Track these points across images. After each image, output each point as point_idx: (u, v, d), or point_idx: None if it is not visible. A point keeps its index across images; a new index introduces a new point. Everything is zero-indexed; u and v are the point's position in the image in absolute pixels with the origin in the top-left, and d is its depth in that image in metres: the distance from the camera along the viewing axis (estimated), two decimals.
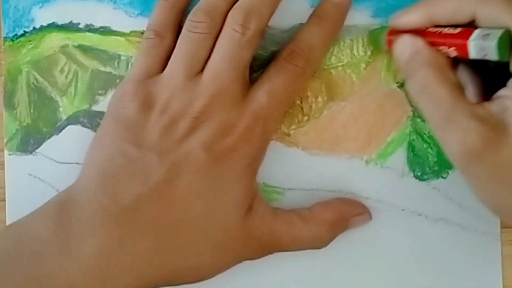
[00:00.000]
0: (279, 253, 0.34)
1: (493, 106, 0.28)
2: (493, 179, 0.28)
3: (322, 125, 0.37)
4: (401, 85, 0.36)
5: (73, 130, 0.38)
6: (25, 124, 0.38)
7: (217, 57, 0.33)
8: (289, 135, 0.37)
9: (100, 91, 0.38)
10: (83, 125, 0.38)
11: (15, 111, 0.38)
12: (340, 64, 0.36)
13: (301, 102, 0.36)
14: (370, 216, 0.35)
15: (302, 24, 0.36)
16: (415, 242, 0.36)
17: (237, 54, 0.32)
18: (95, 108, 0.38)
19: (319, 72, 0.36)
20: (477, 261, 0.36)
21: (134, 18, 0.37)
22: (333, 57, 0.36)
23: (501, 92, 0.28)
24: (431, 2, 0.30)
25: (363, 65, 0.36)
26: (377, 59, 0.36)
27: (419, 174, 0.36)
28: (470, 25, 0.29)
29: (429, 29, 0.31)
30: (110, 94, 0.37)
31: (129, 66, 0.37)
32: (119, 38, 0.37)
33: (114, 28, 0.37)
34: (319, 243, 0.34)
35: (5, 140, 0.38)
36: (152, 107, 0.32)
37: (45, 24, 0.38)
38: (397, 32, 0.32)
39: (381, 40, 0.34)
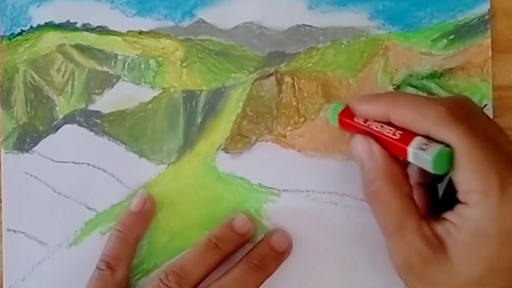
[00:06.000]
0: None
1: (438, 227, 0.29)
2: None
3: (318, 126, 0.37)
4: (398, 87, 0.36)
5: (69, 129, 0.38)
6: (21, 122, 0.38)
7: None
8: (285, 136, 0.37)
9: (97, 91, 0.38)
10: (80, 124, 0.38)
11: (11, 110, 0.38)
12: (336, 66, 0.36)
13: (298, 104, 0.37)
14: None
15: (299, 25, 0.36)
16: None
17: None
18: (92, 107, 0.38)
19: (315, 74, 0.37)
20: None
21: (131, 18, 0.37)
22: (330, 59, 0.37)
23: (448, 215, 0.29)
24: (392, 103, 0.30)
25: (359, 67, 0.36)
26: (373, 61, 0.36)
27: None
28: None
29: (371, 125, 0.30)
30: (107, 93, 0.38)
31: (126, 65, 0.37)
32: (116, 37, 0.37)
33: (111, 27, 0.37)
34: None
35: (1, 139, 0.38)
36: None
37: (42, 23, 0.38)
38: (350, 114, 0.31)
39: (334, 116, 0.32)
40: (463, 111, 0.28)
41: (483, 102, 0.36)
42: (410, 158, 0.28)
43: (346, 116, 0.31)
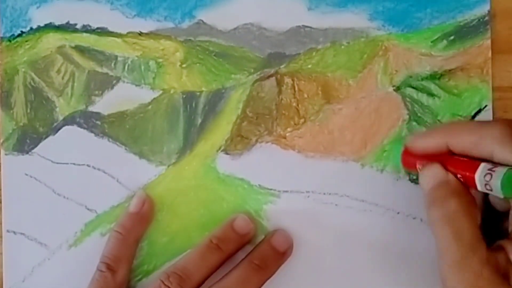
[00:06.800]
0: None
1: (499, 257, 0.28)
2: None
3: (318, 127, 0.37)
4: (397, 88, 0.36)
5: (69, 131, 0.38)
6: (21, 124, 0.38)
7: None
8: (285, 137, 0.37)
9: (97, 92, 0.38)
10: (80, 126, 0.38)
11: (11, 111, 0.38)
12: (336, 66, 0.37)
13: (298, 105, 0.37)
14: None
15: (299, 26, 0.36)
16: (409, 245, 0.36)
17: None
18: (92, 108, 0.38)
19: (315, 74, 0.37)
20: None
21: (131, 19, 0.37)
22: (330, 60, 0.37)
23: (505, 243, 0.29)
24: (450, 131, 0.30)
25: (359, 68, 0.36)
26: (373, 62, 0.36)
27: (414, 177, 0.36)
28: None
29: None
30: (107, 94, 0.38)
31: (126, 67, 0.37)
32: (116, 39, 0.37)
33: (111, 29, 0.37)
34: None
35: (1, 140, 0.38)
36: None
37: (42, 24, 0.38)
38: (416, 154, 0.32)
39: (397, 156, 0.34)
40: None
41: (483, 103, 0.36)
42: (478, 184, 0.28)
43: (409, 156, 0.32)
